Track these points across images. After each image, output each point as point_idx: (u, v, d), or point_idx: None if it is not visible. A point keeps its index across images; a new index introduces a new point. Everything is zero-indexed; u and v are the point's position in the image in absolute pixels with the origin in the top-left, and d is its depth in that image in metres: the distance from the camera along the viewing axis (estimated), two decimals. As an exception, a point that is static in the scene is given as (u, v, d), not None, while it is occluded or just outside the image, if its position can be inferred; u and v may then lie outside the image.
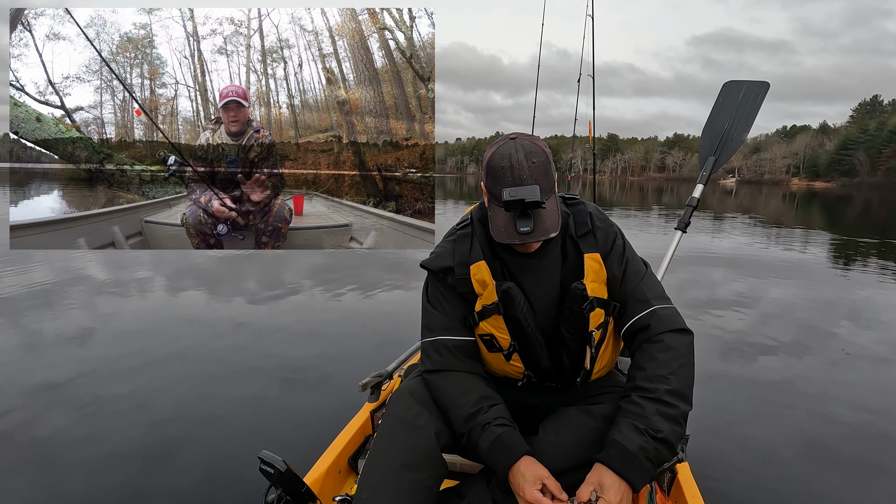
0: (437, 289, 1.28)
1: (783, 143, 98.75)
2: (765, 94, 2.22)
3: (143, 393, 2.74)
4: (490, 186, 1.14)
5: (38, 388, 2.77)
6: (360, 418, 1.69)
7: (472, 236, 1.26)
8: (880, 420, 2.62)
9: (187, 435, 2.34)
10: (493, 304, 1.20)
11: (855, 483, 2.10)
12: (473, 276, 1.22)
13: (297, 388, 2.85)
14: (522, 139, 1.14)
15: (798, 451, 2.32)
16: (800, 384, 3.05)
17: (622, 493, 1.03)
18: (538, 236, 1.09)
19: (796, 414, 2.68)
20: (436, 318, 1.26)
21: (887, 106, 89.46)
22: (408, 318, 4.02)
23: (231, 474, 2.04)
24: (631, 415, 1.08)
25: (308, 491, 1.22)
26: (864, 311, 4.74)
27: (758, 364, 3.37)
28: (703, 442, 2.26)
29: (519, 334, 1.22)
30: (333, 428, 1.69)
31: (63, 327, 3.79)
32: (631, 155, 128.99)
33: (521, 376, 1.29)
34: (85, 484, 1.97)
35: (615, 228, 1.27)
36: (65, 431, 2.35)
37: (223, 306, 4.47)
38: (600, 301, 1.21)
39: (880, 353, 3.60)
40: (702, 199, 2.21)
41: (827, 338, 3.93)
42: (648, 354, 1.15)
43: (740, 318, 4.41)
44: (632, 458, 1.04)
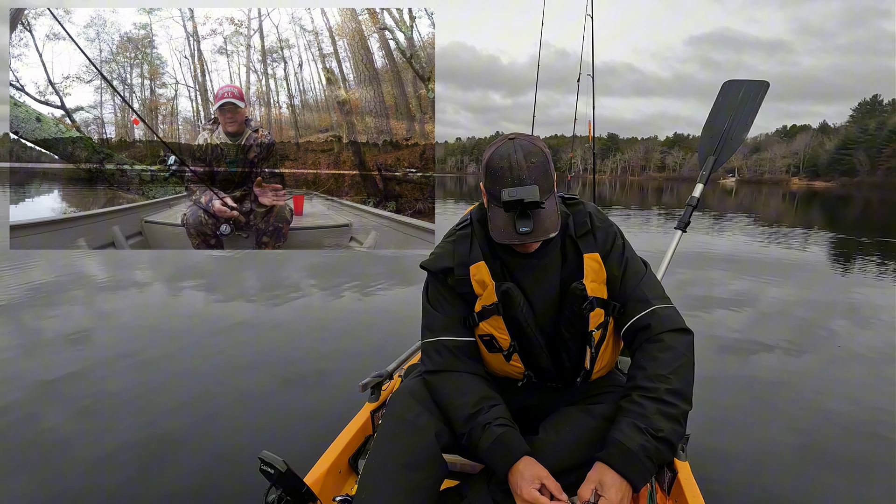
0: (437, 289, 1.28)
1: (783, 143, 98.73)
2: (764, 93, 2.22)
3: (142, 392, 2.74)
4: (489, 187, 1.14)
5: (35, 386, 2.77)
6: (360, 418, 1.69)
7: (472, 237, 1.26)
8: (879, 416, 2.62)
9: (187, 434, 2.34)
10: (492, 304, 1.20)
11: (851, 481, 2.10)
12: (473, 277, 1.22)
13: (297, 387, 2.85)
14: (521, 139, 1.14)
15: (796, 449, 2.32)
16: (798, 381, 3.06)
17: (623, 492, 1.03)
18: (538, 236, 1.09)
19: (794, 411, 2.68)
20: (436, 318, 1.26)
21: (887, 105, 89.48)
22: (407, 318, 4.02)
23: (231, 473, 2.04)
24: (632, 414, 1.08)
25: (308, 491, 1.22)
26: (861, 309, 4.75)
27: (756, 362, 3.37)
28: (700, 440, 2.26)
29: (519, 335, 1.22)
30: (333, 427, 1.69)
31: (62, 326, 3.79)
32: (631, 155, 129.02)
33: (521, 376, 1.29)
34: (84, 482, 1.97)
35: (615, 228, 1.28)
36: (63, 430, 2.35)
37: (223, 306, 4.47)
38: (600, 301, 1.21)
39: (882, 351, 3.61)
40: (702, 198, 2.21)
41: (824, 335, 3.93)
42: (649, 354, 1.15)
43: (739, 317, 4.41)
44: (633, 457, 1.04)
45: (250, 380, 2.93)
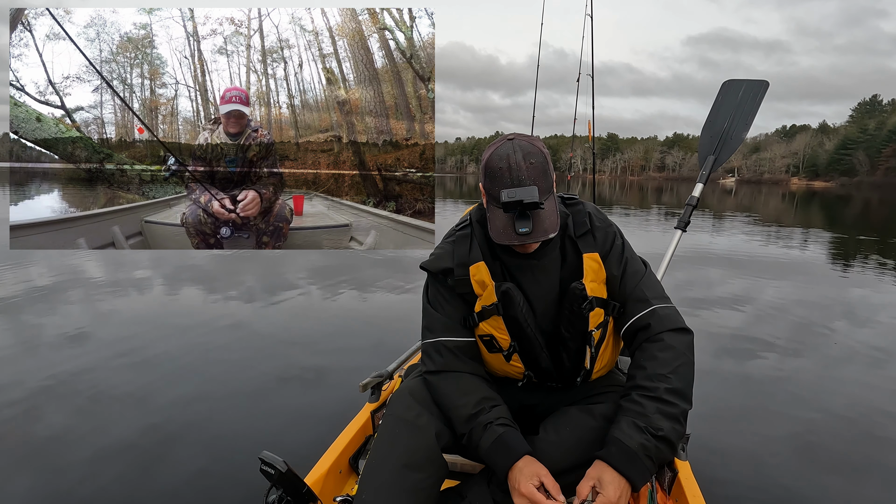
0: (437, 290, 1.28)
1: (783, 143, 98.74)
2: (764, 92, 2.22)
3: (141, 390, 2.74)
4: (488, 188, 1.14)
5: (34, 384, 2.77)
6: (360, 419, 1.69)
7: (472, 237, 1.26)
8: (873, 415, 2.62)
9: (187, 433, 2.34)
10: (492, 304, 1.20)
11: (846, 480, 2.10)
12: (473, 277, 1.22)
13: (296, 385, 2.85)
14: (520, 140, 1.14)
15: (794, 448, 2.32)
16: (796, 379, 3.06)
17: (621, 490, 1.03)
18: (537, 237, 1.09)
19: (792, 410, 2.68)
20: (436, 319, 1.26)
21: (886, 105, 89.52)
22: (407, 318, 4.02)
23: (230, 474, 2.04)
24: (632, 413, 1.08)
25: (309, 491, 1.22)
26: (859, 308, 4.75)
27: (755, 360, 3.37)
28: (700, 440, 2.26)
29: (519, 335, 1.23)
30: (332, 424, 1.69)
31: (61, 324, 3.79)
32: (631, 154, 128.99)
33: (521, 376, 1.29)
34: (83, 482, 1.97)
35: (614, 228, 1.28)
36: (61, 429, 2.35)
37: (222, 305, 4.46)
38: (600, 301, 1.21)
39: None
40: (701, 198, 2.21)
41: (824, 332, 3.94)
42: (649, 353, 1.15)
43: (737, 315, 4.41)
44: (632, 455, 1.04)
45: (251, 378, 2.93)
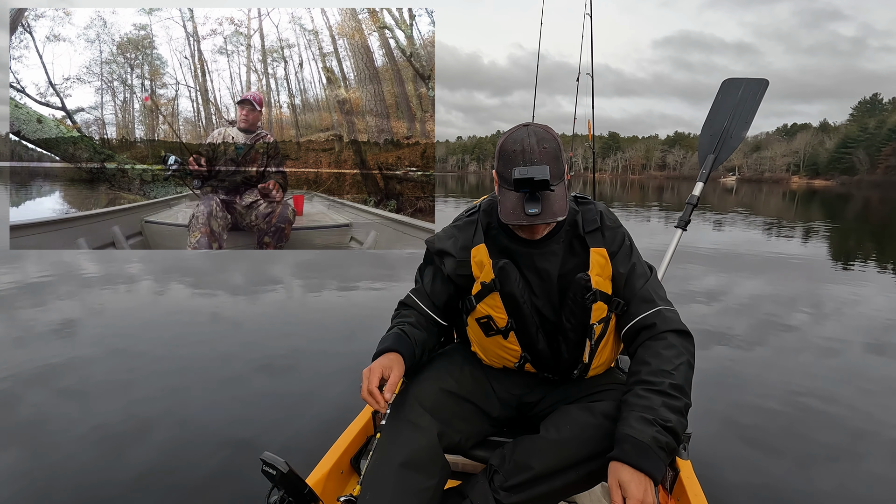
0: (427, 264, 1.42)
1: (783, 142, 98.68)
2: (764, 91, 2.21)
3: (142, 389, 2.74)
4: (501, 170, 1.17)
5: (23, 372, 2.78)
6: (361, 419, 1.69)
7: (477, 223, 1.30)
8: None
9: (189, 433, 2.34)
10: (490, 281, 1.23)
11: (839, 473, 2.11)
12: (473, 259, 1.26)
13: (296, 384, 2.86)
14: (535, 126, 1.17)
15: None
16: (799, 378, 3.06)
17: (644, 486, 1.00)
18: (546, 218, 1.10)
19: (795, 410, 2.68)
20: (417, 286, 1.43)
21: (887, 104, 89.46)
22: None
23: (231, 474, 2.04)
24: (639, 408, 1.07)
25: (310, 492, 1.22)
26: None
27: (757, 360, 3.37)
28: (702, 440, 2.26)
29: (516, 313, 1.25)
30: (332, 422, 1.69)
31: (51, 319, 3.79)
32: (631, 153, 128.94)
33: (517, 359, 1.31)
34: (81, 481, 1.97)
35: (624, 230, 1.30)
36: (45, 412, 2.36)
37: (221, 302, 4.47)
38: (603, 295, 1.22)
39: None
40: (702, 196, 2.20)
41: (824, 330, 3.94)
42: (653, 351, 1.15)
43: (736, 314, 4.42)
44: (646, 449, 1.02)
45: (252, 378, 2.93)
